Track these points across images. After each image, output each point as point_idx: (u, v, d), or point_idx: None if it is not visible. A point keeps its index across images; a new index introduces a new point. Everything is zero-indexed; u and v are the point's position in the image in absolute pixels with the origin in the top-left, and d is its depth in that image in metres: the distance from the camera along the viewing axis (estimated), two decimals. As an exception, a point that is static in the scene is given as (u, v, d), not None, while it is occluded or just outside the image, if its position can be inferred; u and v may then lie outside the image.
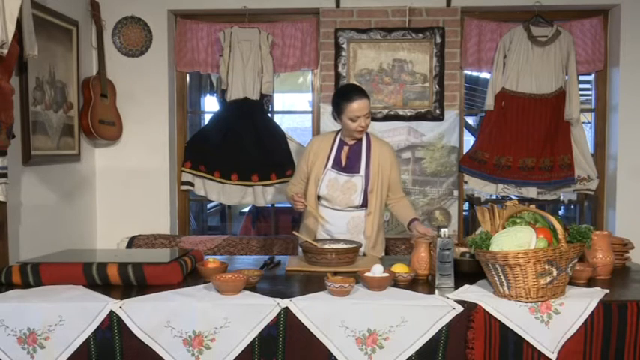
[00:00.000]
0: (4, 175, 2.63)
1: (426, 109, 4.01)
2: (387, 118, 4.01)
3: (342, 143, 2.89)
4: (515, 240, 1.94)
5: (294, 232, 2.84)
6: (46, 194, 3.37)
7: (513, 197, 4.10)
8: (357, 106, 2.73)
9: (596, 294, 2.02)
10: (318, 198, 2.89)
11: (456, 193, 4.06)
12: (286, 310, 1.95)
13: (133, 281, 2.16)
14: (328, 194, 2.83)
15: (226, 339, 1.94)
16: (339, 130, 2.92)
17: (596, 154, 4.13)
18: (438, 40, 3.97)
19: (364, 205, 2.84)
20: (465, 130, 4.29)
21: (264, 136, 4.07)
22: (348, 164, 2.85)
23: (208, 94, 5.75)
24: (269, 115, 4.16)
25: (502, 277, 1.96)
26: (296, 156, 4.10)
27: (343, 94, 2.81)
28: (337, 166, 2.86)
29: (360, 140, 2.88)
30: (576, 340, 1.95)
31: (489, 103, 4.02)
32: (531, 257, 1.89)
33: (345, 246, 2.56)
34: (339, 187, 2.81)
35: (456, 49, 4.00)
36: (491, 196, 4.32)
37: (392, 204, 2.94)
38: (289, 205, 4.78)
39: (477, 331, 1.95)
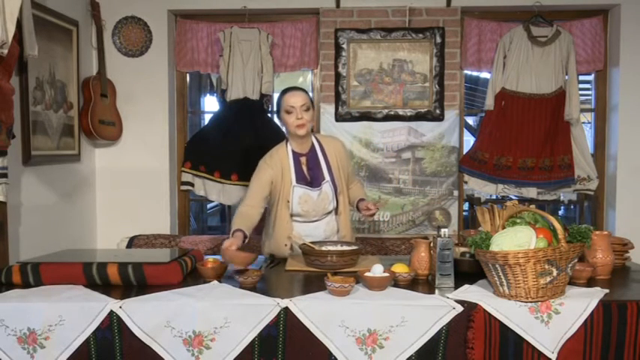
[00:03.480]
0: (4, 175, 2.63)
1: (426, 109, 4.01)
2: (387, 118, 4.01)
3: (296, 155, 2.79)
4: (515, 240, 1.94)
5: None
6: (46, 194, 3.37)
7: (513, 197, 4.10)
8: (289, 97, 2.71)
9: (596, 294, 2.02)
10: (291, 216, 2.78)
11: (456, 193, 4.06)
12: (286, 310, 1.95)
13: (133, 281, 2.16)
14: (302, 210, 2.76)
15: (226, 339, 1.94)
16: (286, 141, 2.83)
17: (596, 154, 4.13)
18: (438, 40, 3.97)
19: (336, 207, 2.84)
20: (465, 130, 4.29)
21: (264, 136, 4.07)
22: (312, 176, 2.78)
23: (208, 94, 5.76)
24: (269, 115, 4.16)
25: (502, 277, 1.96)
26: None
27: (281, 92, 2.81)
28: (302, 180, 2.76)
29: (312, 147, 2.82)
30: (576, 340, 1.95)
31: (489, 103, 4.02)
32: (531, 257, 1.89)
33: (347, 248, 2.54)
34: (313, 203, 2.74)
35: (456, 49, 4.00)
36: (491, 196, 4.32)
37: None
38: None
39: (476, 331, 1.95)
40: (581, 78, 4.39)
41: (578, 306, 1.96)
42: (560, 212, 5.91)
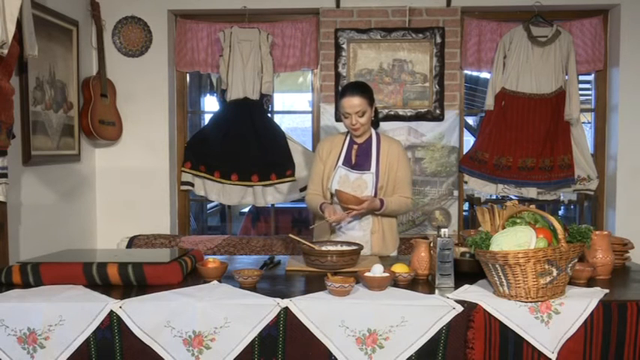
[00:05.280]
0: (4, 175, 2.63)
1: (426, 109, 4.01)
2: (387, 118, 4.01)
3: (351, 142, 2.91)
4: (515, 240, 1.94)
5: (291, 235, 2.80)
6: (46, 194, 3.37)
7: (513, 197, 4.10)
8: (345, 103, 2.77)
9: (596, 294, 2.02)
10: (331, 197, 2.86)
11: (456, 193, 4.06)
12: (286, 310, 1.95)
13: (133, 281, 2.16)
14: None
15: (226, 339, 1.94)
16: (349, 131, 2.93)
17: (596, 154, 4.13)
18: (438, 40, 3.97)
19: None
20: (465, 130, 4.29)
21: (264, 136, 4.07)
22: (357, 162, 2.86)
23: (208, 94, 5.75)
24: (269, 115, 4.16)
25: (502, 277, 1.96)
26: (296, 156, 4.10)
27: (341, 91, 2.91)
28: (347, 163, 2.87)
29: (369, 138, 2.89)
30: (576, 340, 1.95)
31: (489, 103, 4.02)
32: (531, 257, 1.89)
33: (347, 248, 2.54)
34: (350, 185, 2.80)
35: (455, 49, 4.00)
36: (491, 196, 4.32)
37: None
38: (289, 205, 4.80)
39: (476, 331, 1.95)
40: (581, 78, 4.39)
41: (578, 306, 1.96)
42: (560, 212, 5.90)
